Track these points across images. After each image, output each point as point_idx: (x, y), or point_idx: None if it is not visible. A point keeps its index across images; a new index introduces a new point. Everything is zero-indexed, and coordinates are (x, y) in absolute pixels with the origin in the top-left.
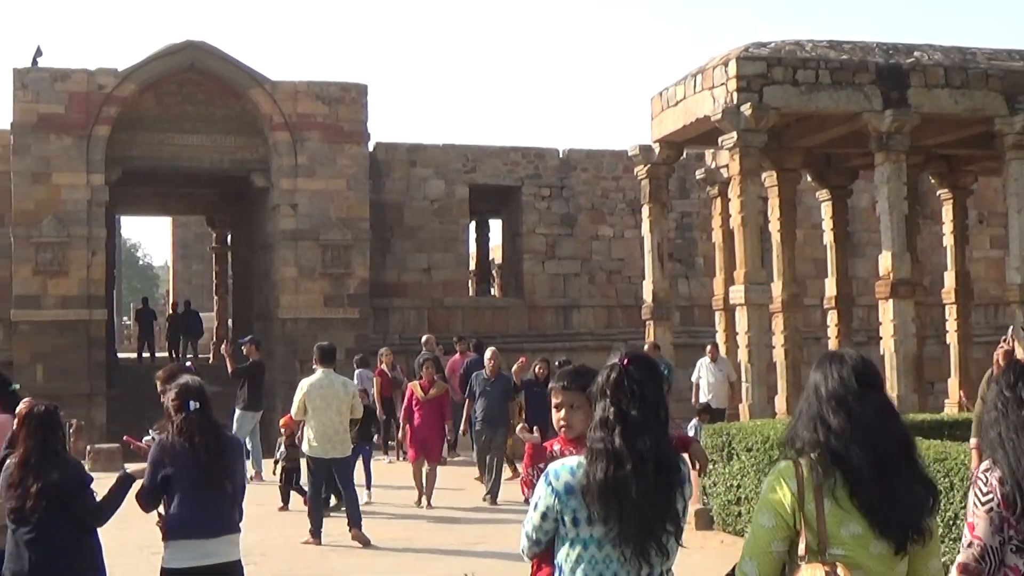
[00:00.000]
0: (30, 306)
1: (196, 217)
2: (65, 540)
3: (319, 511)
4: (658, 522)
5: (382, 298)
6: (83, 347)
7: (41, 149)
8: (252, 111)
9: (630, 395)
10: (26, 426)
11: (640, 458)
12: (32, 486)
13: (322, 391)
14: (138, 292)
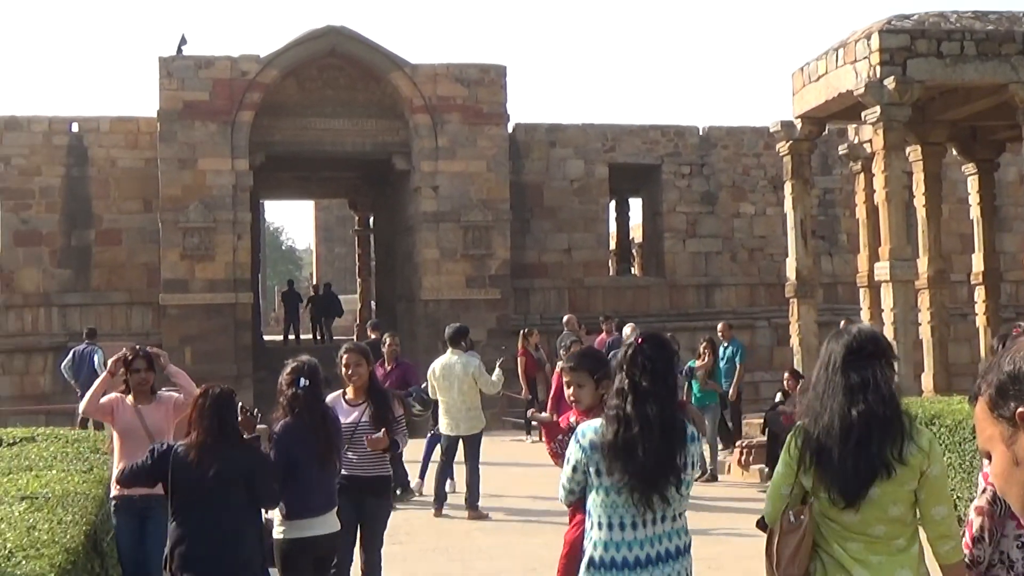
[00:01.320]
0: (178, 290)
1: (338, 200)
2: (237, 523)
3: (443, 485)
4: (660, 475)
5: (523, 279)
6: (230, 330)
7: (187, 136)
8: (392, 94)
9: (641, 369)
10: (201, 408)
11: (647, 422)
12: (209, 469)
13: (444, 371)
14: (282, 276)
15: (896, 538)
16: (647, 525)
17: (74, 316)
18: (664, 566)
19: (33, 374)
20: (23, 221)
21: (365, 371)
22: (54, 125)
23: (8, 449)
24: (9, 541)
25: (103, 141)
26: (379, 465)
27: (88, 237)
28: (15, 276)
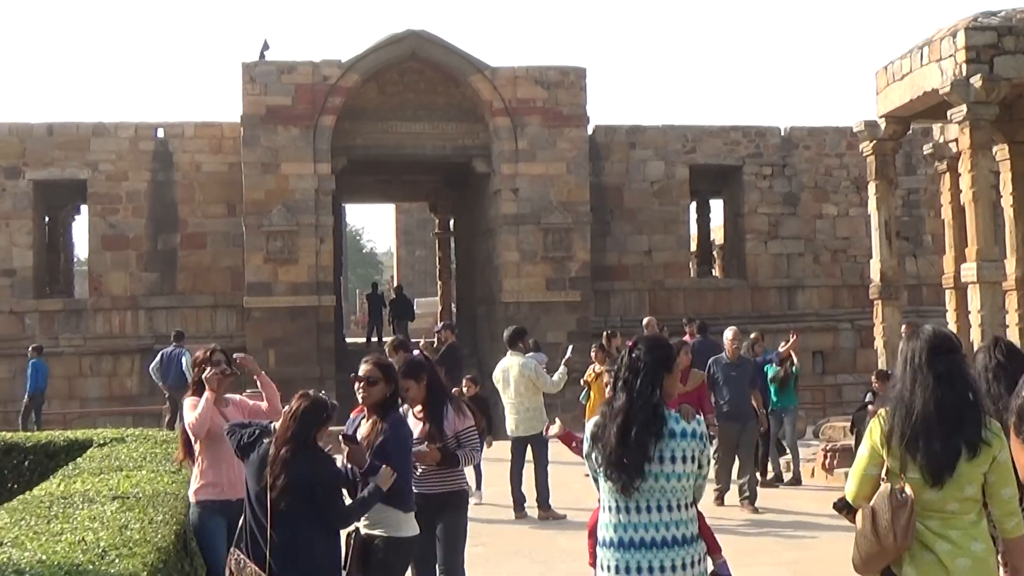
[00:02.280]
0: (262, 293)
1: (418, 204)
2: (308, 536)
3: (518, 486)
4: (626, 462)
5: (603, 281)
6: (312, 332)
7: (270, 140)
8: (472, 97)
9: (627, 367)
10: (290, 416)
11: (612, 412)
12: (280, 477)
13: (503, 373)
14: (362, 279)
15: (967, 514)
16: (639, 511)
17: (160, 319)
18: (669, 551)
19: (120, 376)
20: (111, 225)
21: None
22: (140, 131)
23: (99, 450)
24: (102, 540)
25: (188, 146)
26: (449, 480)
27: (174, 241)
28: (103, 280)
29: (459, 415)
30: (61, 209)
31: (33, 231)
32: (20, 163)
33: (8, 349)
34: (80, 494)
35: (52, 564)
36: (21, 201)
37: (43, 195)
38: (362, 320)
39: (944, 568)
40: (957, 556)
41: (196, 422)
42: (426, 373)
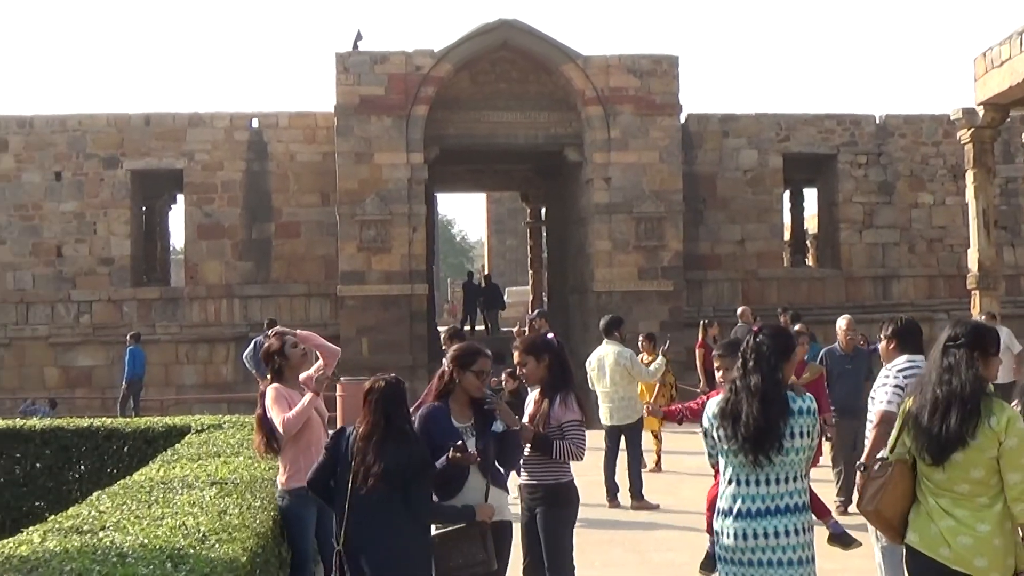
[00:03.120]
0: (355, 281)
1: (510, 193)
2: (394, 522)
3: (611, 476)
4: (761, 438)
5: (696, 270)
6: (405, 321)
7: (363, 130)
8: (564, 86)
9: (753, 351)
10: (369, 401)
11: (748, 392)
12: (374, 465)
13: (598, 362)
14: (454, 268)
15: (979, 496)
16: (763, 483)
17: (255, 307)
18: (782, 517)
19: (216, 363)
20: (206, 215)
21: (532, 370)
22: (235, 121)
23: (197, 436)
24: (202, 524)
25: (282, 136)
26: (553, 471)
27: (268, 230)
28: (199, 268)
29: (564, 407)
30: (158, 199)
31: (131, 220)
32: (118, 153)
33: (107, 336)
34: (179, 479)
35: (154, 548)
36: (119, 191)
37: (140, 185)
38: (453, 309)
39: (945, 543)
40: (959, 533)
41: (291, 422)
42: (549, 353)
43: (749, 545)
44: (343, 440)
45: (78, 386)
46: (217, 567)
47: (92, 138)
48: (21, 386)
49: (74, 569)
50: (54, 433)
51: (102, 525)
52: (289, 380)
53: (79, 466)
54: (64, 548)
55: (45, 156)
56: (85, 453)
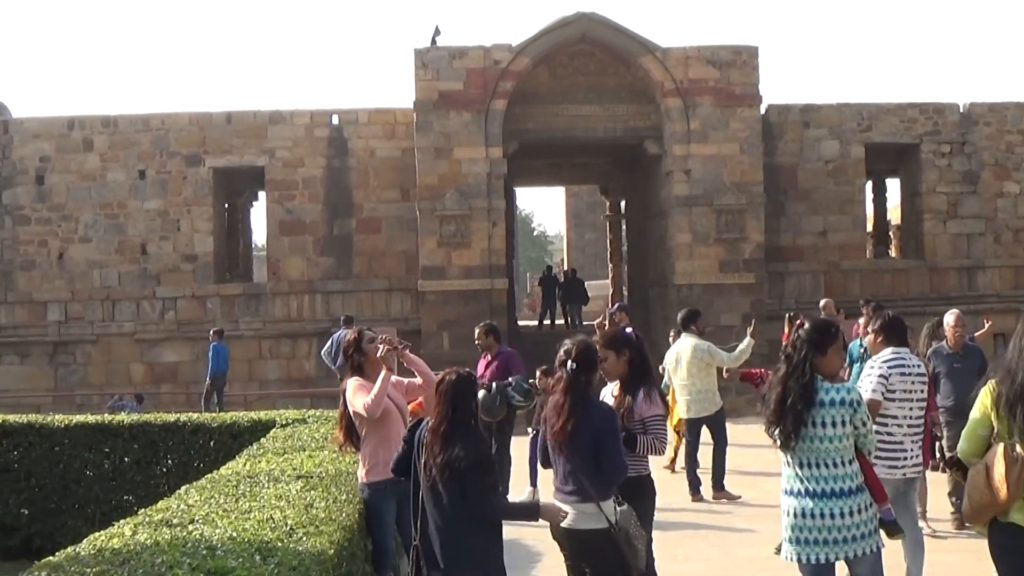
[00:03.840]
0: (435, 276)
1: (589, 186)
2: (462, 518)
3: (693, 469)
4: (784, 423)
5: (777, 262)
6: (485, 315)
7: (442, 125)
8: (643, 78)
9: (791, 345)
10: (439, 393)
11: (775, 383)
12: (437, 457)
13: (676, 356)
14: (533, 262)
15: None
16: (807, 467)
17: (337, 302)
18: (832, 500)
19: (299, 358)
20: (288, 211)
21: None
22: (315, 118)
23: (282, 430)
24: (289, 518)
25: (362, 132)
26: (631, 465)
27: (349, 226)
28: (281, 264)
29: (648, 401)
30: (240, 196)
31: (213, 217)
32: (200, 151)
33: (191, 332)
34: (265, 473)
35: (242, 541)
36: (202, 188)
37: (222, 182)
38: (533, 303)
39: None
40: None
41: (373, 403)
42: (629, 348)
43: (806, 524)
44: (418, 431)
45: (163, 382)
46: (305, 560)
47: (175, 137)
48: (108, 382)
49: (165, 561)
50: (142, 428)
51: (191, 518)
52: (368, 375)
53: (166, 460)
54: (155, 541)
55: (129, 155)
56: (172, 448)
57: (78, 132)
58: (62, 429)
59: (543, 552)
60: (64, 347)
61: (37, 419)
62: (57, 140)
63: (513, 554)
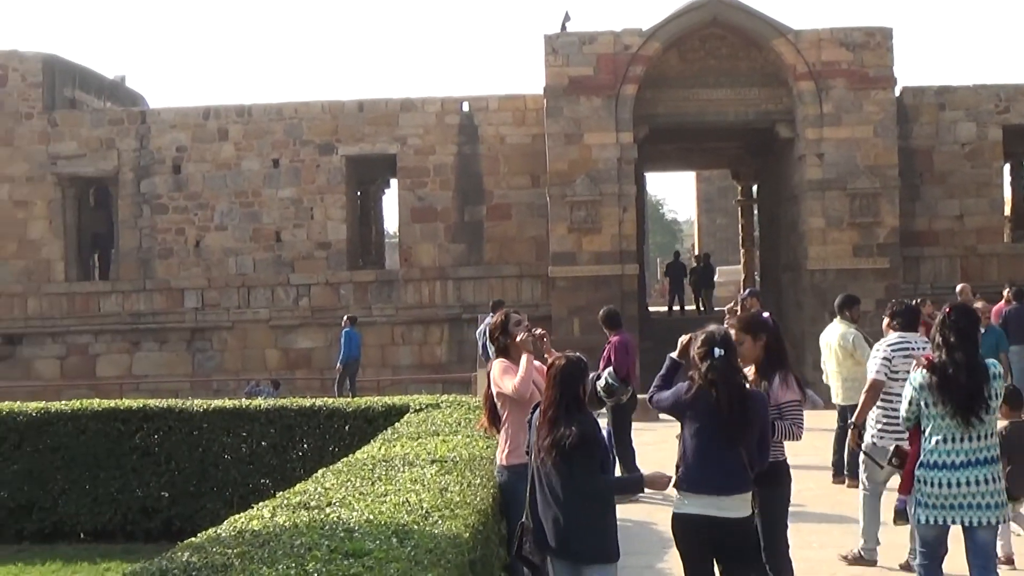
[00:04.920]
0: (566, 262)
1: (720, 171)
2: (574, 495)
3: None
4: (972, 403)
5: (912, 247)
6: (616, 301)
7: (572, 111)
8: (775, 62)
9: (950, 329)
10: (550, 376)
11: (956, 367)
12: (547, 438)
13: (824, 340)
14: (663, 247)
15: None
16: (966, 440)
17: (467, 289)
18: (981, 468)
19: (431, 344)
20: (419, 198)
21: (748, 349)
22: (446, 105)
23: (415, 415)
24: (425, 501)
25: (492, 119)
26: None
27: (480, 212)
28: (413, 251)
29: (784, 386)
30: (372, 183)
31: (346, 205)
32: (333, 139)
33: (324, 319)
34: (400, 457)
35: (379, 524)
36: (334, 176)
37: (355, 170)
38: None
39: None
40: None
41: (520, 385)
42: (766, 333)
43: (959, 492)
44: (532, 415)
45: (298, 368)
46: (441, 543)
47: (308, 125)
48: (244, 368)
49: (304, 543)
50: (278, 413)
51: (328, 501)
52: (513, 357)
53: (302, 444)
54: (293, 523)
55: (263, 144)
56: (308, 432)
57: (214, 122)
58: (201, 414)
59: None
60: (201, 333)
61: (177, 404)
62: (193, 130)
63: (644, 539)
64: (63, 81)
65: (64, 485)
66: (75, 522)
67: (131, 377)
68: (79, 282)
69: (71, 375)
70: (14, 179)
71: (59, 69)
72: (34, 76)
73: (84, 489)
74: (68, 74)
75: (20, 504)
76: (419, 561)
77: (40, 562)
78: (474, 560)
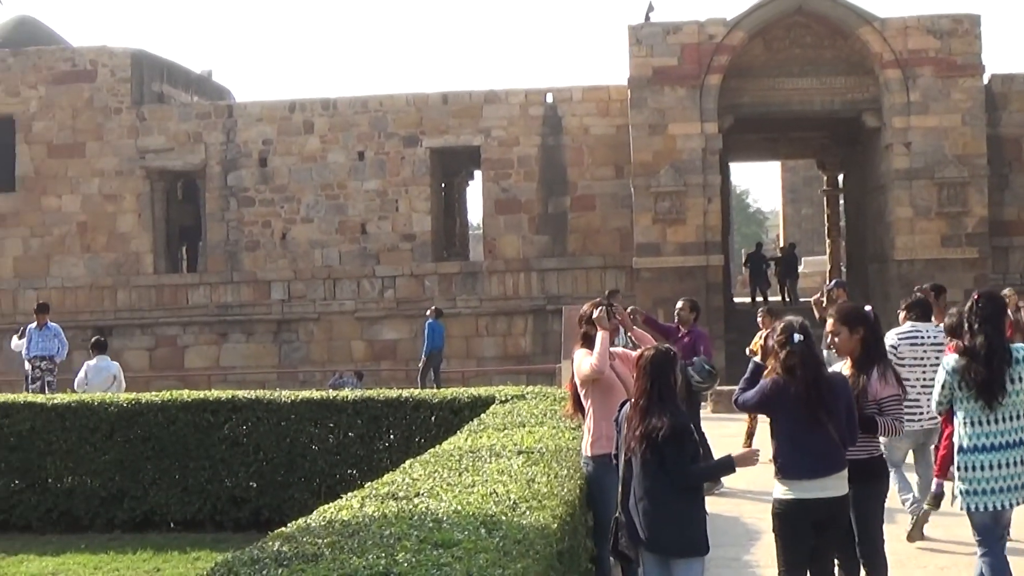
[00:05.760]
0: (650, 253)
1: (805, 161)
2: (664, 488)
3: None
4: (993, 386)
5: (1001, 236)
6: (701, 292)
7: (656, 101)
8: (861, 50)
9: (975, 315)
10: (639, 368)
11: (975, 353)
12: (637, 429)
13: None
14: (747, 238)
15: None
16: (996, 422)
17: (551, 280)
18: (1013, 450)
19: (515, 335)
20: (503, 190)
21: (844, 341)
22: (530, 97)
23: (501, 406)
24: (512, 492)
25: (576, 110)
26: (864, 446)
27: (564, 204)
28: (497, 243)
29: (883, 381)
30: (456, 175)
31: (431, 197)
32: (418, 132)
33: (409, 310)
34: (487, 448)
35: (467, 514)
36: (419, 168)
37: (439, 162)
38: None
39: None
40: None
41: (598, 359)
42: (864, 326)
43: (998, 474)
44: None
45: (383, 359)
46: (529, 534)
47: (393, 118)
48: (330, 359)
49: (393, 533)
50: (365, 404)
51: (416, 492)
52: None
53: (388, 435)
54: (382, 513)
55: (348, 137)
56: (394, 423)
57: (299, 115)
58: (289, 404)
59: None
60: (287, 325)
61: (265, 395)
62: (279, 123)
63: (732, 532)
64: (151, 76)
65: (154, 475)
66: (165, 511)
67: (218, 368)
68: (167, 274)
69: (160, 366)
70: (104, 173)
71: (147, 64)
72: (123, 71)
73: (174, 479)
74: (156, 69)
75: (111, 493)
76: (508, 552)
77: (131, 551)
78: (562, 551)
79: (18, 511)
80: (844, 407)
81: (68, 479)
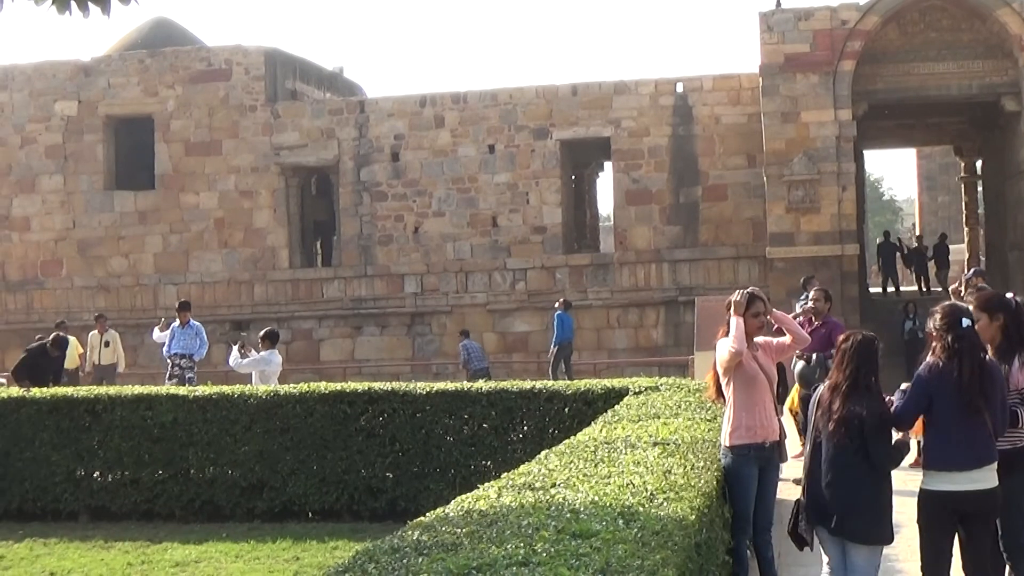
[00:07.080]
0: (784, 243)
1: (941, 147)
2: (857, 473)
3: None
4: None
5: None
6: (836, 282)
7: (788, 89)
8: (999, 32)
9: None
10: (841, 351)
11: None
12: (836, 413)
13: None
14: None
15: None
16: None
17: (683, 271)
18: None
19: (646, 327)
20: (634, 181)
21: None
22: (660, 87)
23: (635, 398)
24: (649, 484)
25: (706, 99)
26: (1008, 437)
27: (695, 194)
28: (627, 234)
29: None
30: (586, 167)
31: (561, 189)
32: (547, 124)
33: (540, 303)
34: (622, 440)
35: (604, 505)
36: (549, 160)
37: (569, 154)
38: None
39: None
40: None
41: (736, 342)
42: (1004, 313)
43: None
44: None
45: (515, 351)
46: (667, 525)
47: (522, 111)
48: None
49: (531, 524)
50: (499, 395)
51: (552, 483)
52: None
53: (522, 426)
54: (519, 504)
55: (479, 130)
56: (527, 414)
57: (430, 109)
58: (424, 396)
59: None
60: (420, 318)
61: (400, 387)
62: (410, 118)
63: None
64: (284, 73)
65: (293, 466)
66: (304, 501)
67: (353, 361)
68: (302, 269)
69: (296, 359)
70: (240, 170)
71: (280, 62)
72: (257, 69)
73: (312, 470)
74: (289, 66)
75: (251, 484)
76: (646, 543)
77: (271, 540)
78: (699, 543)
79: (162, 500)
80: (1000, 397)
81: (209, 469)
